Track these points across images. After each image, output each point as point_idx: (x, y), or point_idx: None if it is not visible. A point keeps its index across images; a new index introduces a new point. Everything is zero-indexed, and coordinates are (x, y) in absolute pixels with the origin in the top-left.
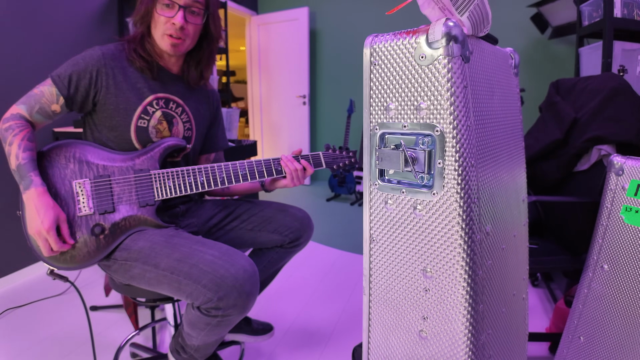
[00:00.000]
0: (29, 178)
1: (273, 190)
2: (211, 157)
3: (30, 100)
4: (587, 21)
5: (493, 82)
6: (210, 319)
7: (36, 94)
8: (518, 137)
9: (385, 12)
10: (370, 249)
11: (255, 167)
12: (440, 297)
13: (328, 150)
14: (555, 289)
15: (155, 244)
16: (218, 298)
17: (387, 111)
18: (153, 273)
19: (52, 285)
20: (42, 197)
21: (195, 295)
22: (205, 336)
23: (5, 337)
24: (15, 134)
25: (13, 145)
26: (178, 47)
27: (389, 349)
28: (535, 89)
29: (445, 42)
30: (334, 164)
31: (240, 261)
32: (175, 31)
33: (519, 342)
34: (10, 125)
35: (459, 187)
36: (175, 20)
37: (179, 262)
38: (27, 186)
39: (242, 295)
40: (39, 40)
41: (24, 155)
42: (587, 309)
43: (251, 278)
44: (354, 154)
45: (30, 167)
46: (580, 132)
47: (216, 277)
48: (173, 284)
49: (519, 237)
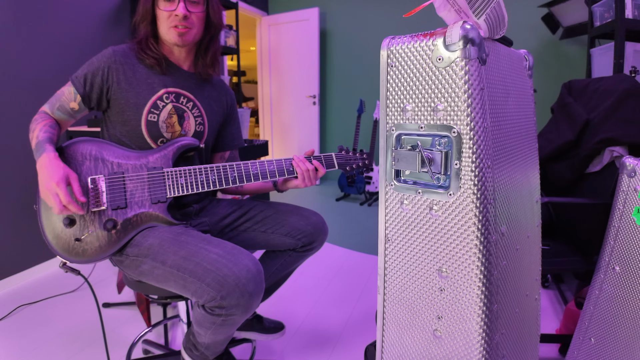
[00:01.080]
0: (42, 148)
1: (285, 190)
2: (226, 155)
3: (53, 99)
4: (599, 22)
5: (508, 83)
6: (215, 317)
7: (57, 94)
8: (532, 138)
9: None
10: (386, 248)
11: (267, 167)
12: (456, 297)
13: (341, 152)
14: (565, 291)
15: (163, 241)
16: (221, 297)
17: (404, 112)
18: (161, 270)
19: (65, 282)
20: (53, 160)
21: (199, 293)
22: (213, 335)
23: (18, 333)
24: (38, 122)
25: (35, 131)
26: (185, 37)
27: (403, 348)
28: (546, 90)
29: (463, 45)
30: (346, 165)
31: (244, 260)
32: (179, 21)
33: (531, 343)
34: (35, 118)
35: (475, 187)
36: (178, 12)
37: (184, 259)
38: (39, 155)
39: (244, 295)
40: (52, 41)
41: (43, 135)
42: (598, 311)
43: (255, 278)
44: (368, 156)
45: (45, 142)
46: (593, 133)
47: (219, 276)
48: (179, 282)
49: (533, 238)
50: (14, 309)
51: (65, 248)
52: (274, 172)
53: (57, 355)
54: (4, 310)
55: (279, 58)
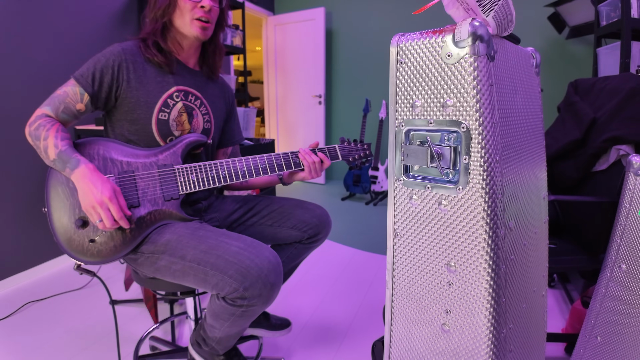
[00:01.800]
0: (75, 158)
1: (291, 183)
2: (228, 151)
3: (55, 101)
4: (605, 21)
5: (516, 81)
6: (235, 309)
7: (60, 95)
8: (539, 135)
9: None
10: (395, 243)
11: (274, 160)
12: (464, 291)
13: (343, 143)
14: (571, 290)
15: (181, 237)
16: (244, 288)
17: (413, 108)
18: (179, 265)
19: (72, 280)
20: (94, 172)
21: (221, 285)
22: (228, 327)
23: (26, 330)
24: (47, 129)
25: (49, 138)
26: (207, 31)
27: (410, 342)
28: (552, 89)
29: (472, 41)
30: (349, 157)
31: (264, 253)
32: (204, 14)
33: (538, 339)
34: (39, 123)
35: (484, 182)
36: (204, 3)
37: (205, 253)
38: (74, 166)
39: (266, 285)
40: (60, 40)
41: (63, 143)
42: (604, 309)
43: (275, 269)
44: (368, 146)
45: (72, 151)
46: (599, 132)
47: (242, 267)
48: (199, 275)
49: (540, 234)
50: (21, 306)
51: (79, 250)
52: (281, 165)
53: (65, 351)
54: (12, 307)
55: (285, 58)
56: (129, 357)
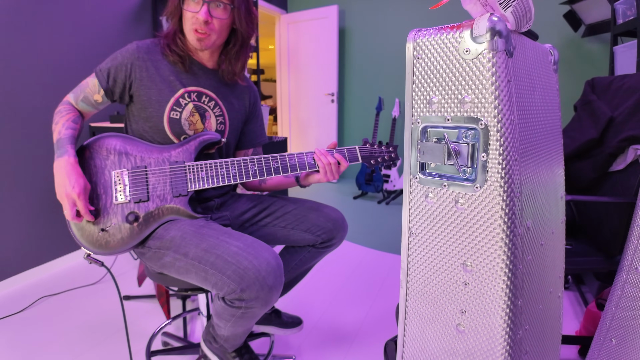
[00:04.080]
0: (64, 149)
1: (308, 185)
2: (249, 153)
3: (78, 90)
4: (621, 19)
5: (534, 77)
6: (234, 310)
7: (82, 85)
8: (557, 133)
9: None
10: (409, 242)
11: (287, 161)
12: (480, 291)
13: (366, 145)
14: (586, 292)
15: (185, 234)
16: (241, 289)
17: (430, 104)
18: (182, 262)
19: (86, 275)
20: (74, 166)
21: (220, 285)
22: (232, 327)
23: (40, 323)
24: (62, 115)
25: (59, 124)
26: (204, 42)
27: (424, 343)
28: (568, 87)
29: (490, 37)
30: (371, 159)
31: (264, 254)
32: (200, 26)
33: (553, 340)
34: (60, 109)
35: (502, 180)
36: (199, 15)
37: (205, 252)
38: (61, 154)
39: (264, 288)
40: (76, 38)
41: (66, 132)
42: (620, 311)
43: (274, 272)
44: (395, 149)
45: (68, 141)
46: (616, 131)
47: (239, 268)
48: (200, 274)
49: (557, 235)
50: (36, 300)
51: (89, 240)
52: (294, 166)
53: (78, 346)
54: (27, 301)
55: (297, 56)
56: (141, 352)
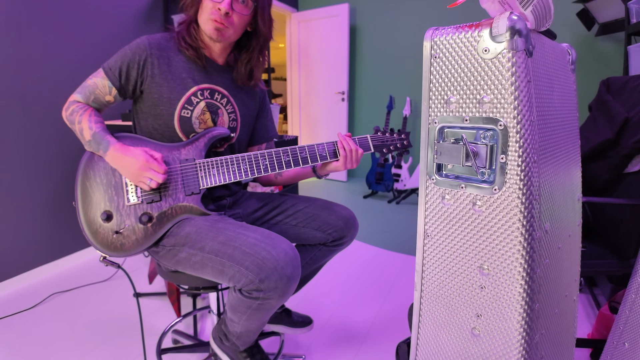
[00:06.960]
0: (105, 139)
1: (326, 174)
2: (262, 148)
3: (85, 90)
4: (635, 19)
5: (553, 77)
6: (252, 301)
7: (90, 85)
8: (575, 134)
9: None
10: (425, 244)
11: (298, 152)
12: (497, 295)
13: (377, 133)
14: (599, 295)
15: (200, 229)
16: (260, 280)
17: (448, 104)
18: (198, 256)
19: (97, 272)
20: (123, 147)
21: (237, 277)
22: (247, 321)
23: (51, 320)
24: (81, 113)
25: (83, 122)
26: (222, 32)
27: (438, 346)
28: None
29: (510, 36)
30: (383, 147)
31: (282, 245)
32: (219, 16)
33: (568, 344)
34: (73, 109)
35: (521, 183)
36: (222, 6)
37: (222, 245)
38: (106, 148)
39: (282, 278)
40: (88, 35)
41: (97, 125)
42: (634, 315)
43: (292, 261)
44: (407, 135)
45: (104, 133)
46: (632, 132)
47: (258, 259)
48: (217, 267)
49: (574, 238)
50: (47, 297)
51: (104, 243)
52: (306, 158)
53: (89, 342)
54: (38, 297)
55: (308, 54)
56: (151, 350)
